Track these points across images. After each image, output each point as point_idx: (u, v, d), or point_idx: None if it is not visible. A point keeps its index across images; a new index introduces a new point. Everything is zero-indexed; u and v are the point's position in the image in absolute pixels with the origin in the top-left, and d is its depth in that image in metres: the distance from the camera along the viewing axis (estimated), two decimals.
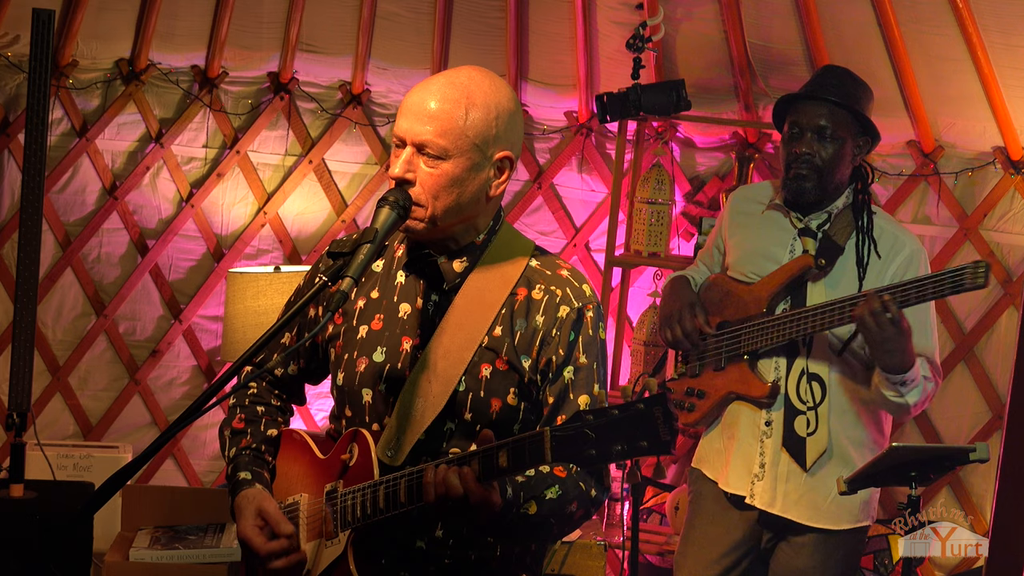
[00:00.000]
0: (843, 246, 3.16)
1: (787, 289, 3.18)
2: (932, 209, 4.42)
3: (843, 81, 3.20)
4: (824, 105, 3.14)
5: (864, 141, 3.19)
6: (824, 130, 3.13)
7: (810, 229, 3.19)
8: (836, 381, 3.16)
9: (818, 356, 3.16)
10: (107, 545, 3.97)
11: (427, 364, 2.13)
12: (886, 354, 2.95)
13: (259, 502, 2.19)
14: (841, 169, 3.16)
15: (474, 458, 1.94)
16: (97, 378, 4.73)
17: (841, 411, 3.17)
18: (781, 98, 3.27)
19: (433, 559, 2.14)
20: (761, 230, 3.29)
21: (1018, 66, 4.01)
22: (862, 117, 3.16)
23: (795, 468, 3.18)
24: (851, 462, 3.17)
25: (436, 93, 2.07)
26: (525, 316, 2.14)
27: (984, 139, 4.27)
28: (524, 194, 4.83)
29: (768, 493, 3.21)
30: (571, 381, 2.13)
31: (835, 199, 3.19)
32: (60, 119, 4.58)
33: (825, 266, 3.15)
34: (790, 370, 3.18)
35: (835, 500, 3.17)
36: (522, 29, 4.65)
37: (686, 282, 3.38)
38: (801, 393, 3.17)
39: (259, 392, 2.38)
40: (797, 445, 3.18)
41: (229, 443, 2.32)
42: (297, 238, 4.81)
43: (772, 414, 3.20)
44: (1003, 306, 4.34)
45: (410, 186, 2.08)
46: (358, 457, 2.14)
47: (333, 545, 2.14)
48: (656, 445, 1.80)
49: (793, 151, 3.16)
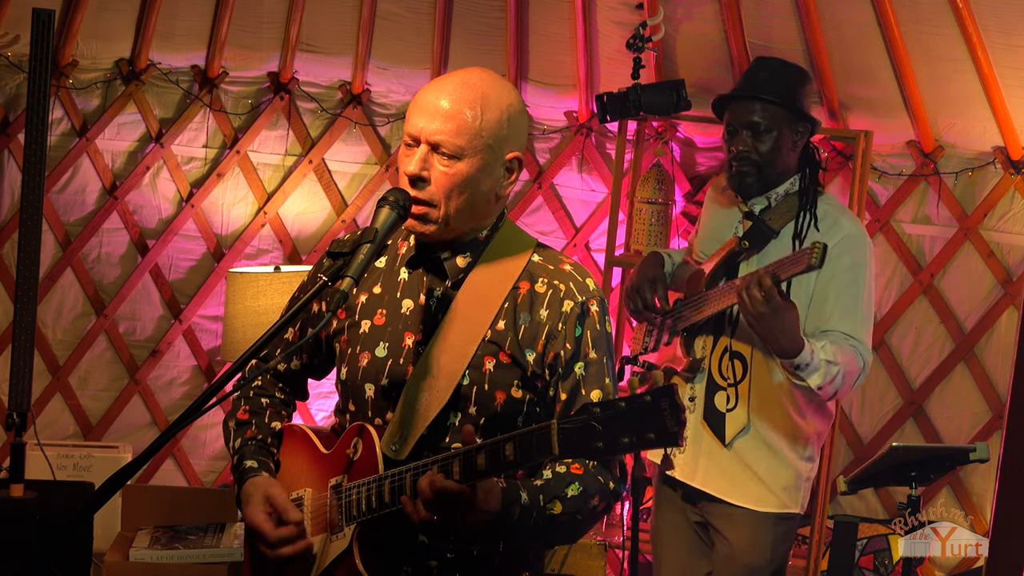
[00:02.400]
0: (777, 230, 3.21)
1: (723, 268, 3.25)
2: (932, 209, 4.42)
3: (774, 73, 3.25)
4: (755, 102, 3.20)
5: (803, 128, 3.24)
6: (758, 126, 3.19)
7: (752, 213, 3.26)
8: (759, 361, 3.19)
9: (742, 335, 3.20)
10: (107, 545, 3.97)
11: (431, 359, 2.14)
12: (766, 333, 2.96)
13: (266, 488, 2.20)
14: (781, 159, 3.22)
15: (480, 451, 1.94)
16: (97, 378, 4.73)
17: (761, 390, 3.21)
18: (716, 98, 3.35)
19: (435, 553, 2.14)
20: (716, 214, 3.41)
21: (1018, 66, 4.01)
22: (795, 108, 3.20)
23: (715, 443, 3.25)
24: (771, 442, 3.21)
25: (452, 93, 2.09)
26: (529, 310, 2.15)
27: (984, 139, 4.27)
28: (524, 194, 4.83)
29: (689, 465, 3.28)
30: (582, 377, 2.14)
31: (778, 185, 3.24)
32: (60, 119, 4.58)
33: (750, 248, 3.22)
34: (715, 347, 3.26)
35: (757, 480, 3.22)
36: (522, 29, 4.65)
37: (655, 258, 3.46)
38: (723, 370, 3.24)
39: (264, 385, 2.40)
40: (717, 420, 3.25)
41: (234, 434, 2.33)
42: (297, 238, 4.81)
43: (695, 388, 3.28)
44: (1003, 306, 4.34)
45: (425, 184, 2.09)
46: (362, 452, 2.15)
47: (339, 539, 2.15)
48: (663, 437, 1.81)
49: (732, 149, 3.24)
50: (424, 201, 2.10)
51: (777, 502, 3.23)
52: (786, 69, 3.28)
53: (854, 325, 3.14)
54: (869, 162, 4.23)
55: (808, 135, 3.26)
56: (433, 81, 2.16)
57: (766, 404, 3.20)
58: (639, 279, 3.38)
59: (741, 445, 3.22)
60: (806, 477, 3.26)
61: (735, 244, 3.23)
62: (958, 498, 4.40)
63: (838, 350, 3.06)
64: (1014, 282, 4.31)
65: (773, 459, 3.21)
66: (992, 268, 4.34)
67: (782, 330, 2.96)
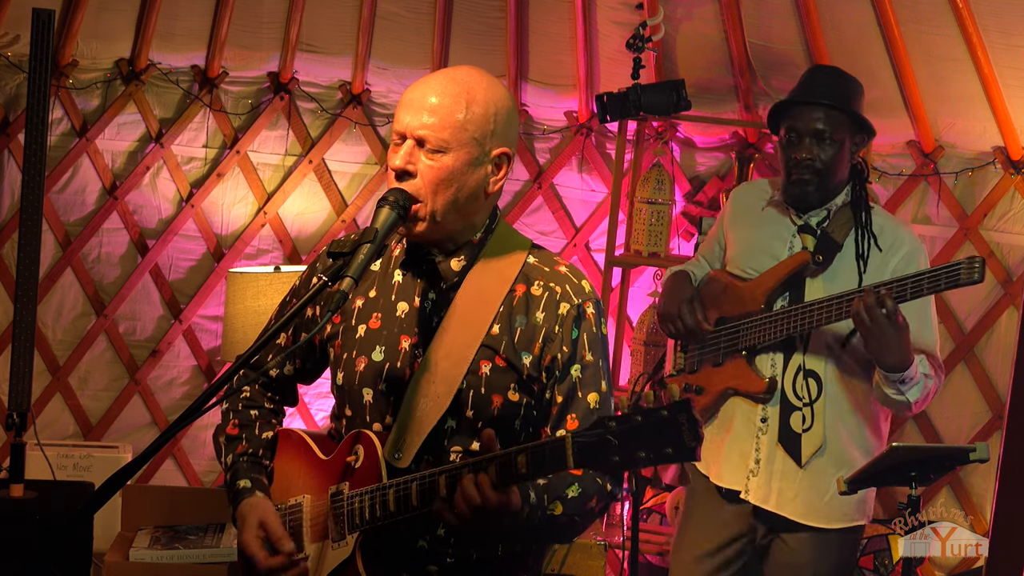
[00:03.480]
0: (841, 243, 3.16)
1: (785, 285, 3.19)
2: (932, 209, 4.42)
3: (835, 81, 3.21)
4: (819, 108, 3.14)
5: (860, 139, 3.20)
6: (822, 133, 3.13)
7: (809, 226, 3.20)
8: (833, 378, 3.16)
9: (815, 352, 3.16)
10: (107, 545, 3.97)
11: (429, 364, 2.13)
12: (883, 350, 2.95)
13: (261, 514, 2.19)
14: (841, 169, 3.17)
15: (491, 463, 1.93)
16: (97, 378, 4.73)
17: (837, 408, 3.17)
18: (776, 104, 3.27)
19: (435, 558, 2.13)
20: (761, 227, 3.30)
21: (1018, 66, 4.01)
22: (857, 116, 3.17)
23: (790, 465, 3.18)
24: (847, 460, 3.17)
25: (436, 88, 2.10)
26: (524, 312, 2.14)
27: (984, 139, 4.26)
28: (524, 194, 4.83)
29: (763, 489, 3.21)
30: (579, 379, 2.13)
31: (835, 197, 3.20)
32: (60, 119, 4.58)
33: (823, 262, 3.16)
34: (787, 366, 3.19)
35: (831, 499, 3.17)
36: (522, 29, 4.65)
37: (686, 276, 3.39)
38: (797, 389, 3.17)
39: (252, 396, 2.37)
40: (792, 441, 3.18)
41: (225, 450, 2.32)
42: (297, 238, 4.81)
43: (768, 410, 3.21)
44: (1003, 306, 4.34)
45: (411, 178, 2.09)
46: (364, 459, 2.13)
47: (340, 547, 2.13)
48: (681, 451, 1.78)
49: (793, 156, 3.16)
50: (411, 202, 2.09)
51: (847, 518, 3.21)
52: (844, 78, 3.23)
53: (935, 343, 3.13)
54: (869, 162, 4.23)
55: (864, 146, 3.22)
56: (420, 79, 2.15)
57: (842, 421, 3.17)
58: (675, 302, 3.28)
59: (816, 465, 3.17)
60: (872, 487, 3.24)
61: (807, 259, 3.16)
62: (958, 498, 4.40)
63: (928, 365, 3.06)
64: (1014, 282, 4.31)
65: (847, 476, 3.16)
66: (992, 268, 4.34)
67: (899, 347, 2.93)
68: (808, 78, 3.27)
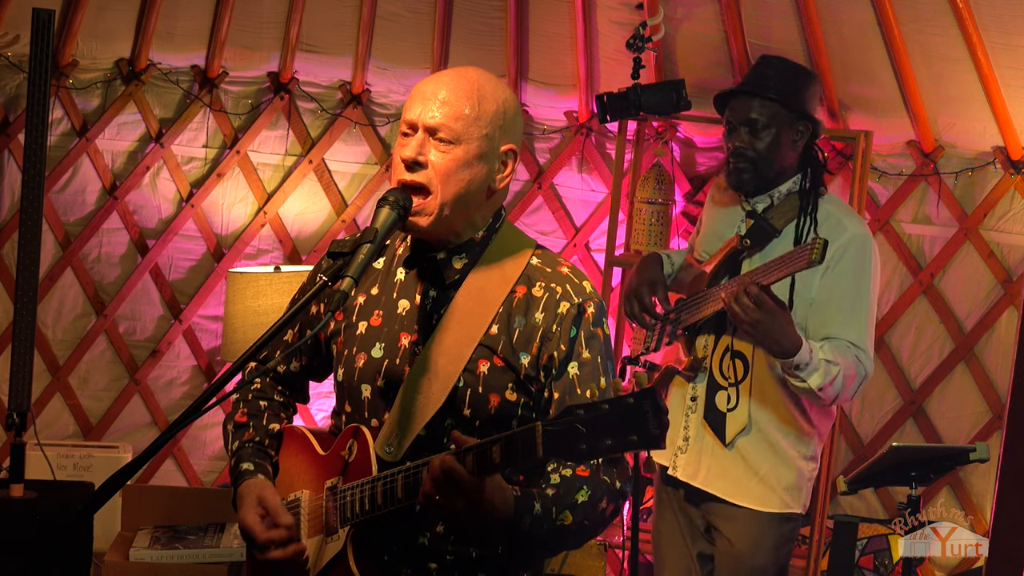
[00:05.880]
0: (780, 228, 3.20)
1: (725, 267, 3.25)
2: (932, 209, 4.42)
3: (777, 72, 3.25)
4: (754, 99, 3.20)
5: (804, 127, 3.23)
6: (755, 123, 3.19)
7: (755, 212, 3.25)
8: (760, 360, 3.18)
9: (743, 334, 3.17)
10: (107, 545, 3.97)
11: (427, 361, 2.14)
12: (760, 337, 2.98)
13: (259, 491, 2.21)
14: (779, 158, 3.21)
15: (468, 453, 1.94)
16: (97, 378, 4.73)
17: (763, 390, 3.20)
18: (717, 94, 3.35)
19: (435, 555, 2.14)
20: (719, 213, 3.39)
21: (1018, 66, 4.01)
22: (796, 106, 3.19)
23: (716, 443, 3.24)
24: (773, 442, 3.20)
25: (448, 83, 2.13)
26: (524, 313, 2.15)
27: (984, 139, 4.26)
28: (524, 194, 4.83)
29: (691, 466, 3.28)
30: (576, 376, 2.13)
31: (779, 184, 3.24)
32: (60, 119, 4.58)
33: (752, 246, 3.21)
34: (716, 346, 3.24)
35: (759, 480, 3.21)
36: (522, 29, 4.65)
37: (655, 259, 3.44)
38: (724, 369, 3.23)
39: (262, 388, 2.39)
40: (718, 420, 3.24)
41: (232, 437, 2.33)
42: (297, 238, 4.81)
43: (698, 388, 3.27)
44: (1003, 306, 4.34)
45: (421, 168, 2.10)
46: (357, 453, 2.15)
47: (333, 541, 2.15)
48: (645, 439, 1.80)
49: (729, 145, 3.24)
50: (420, 186, 2.10)
51: (779, 502, 3.22)
52: (788, 68, 3.28)
53: (856, 332, 3.12)
54: (869, 162, 4.23)
55: (809, 135, 3.24)
56: (430, 76, 2.19)
57: (768, 403, 3.20)
58: (637, 282, 3.36)
59: (742, 445, 3.22)
60: (808, 477, 3.25)
61: (737, 242, 3.22)
62: (958, 498, 4.40)
63: (837, 352, 3.05)
64: (1014, 282, 4.31)
65: (775, 459, 3.20)
66: (992, 268, 4.34)
67: (779, 332, 2.96)
68: (753, 69, 3.34)
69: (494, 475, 1.95)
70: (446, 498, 1.95)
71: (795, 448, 3.21)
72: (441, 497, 1.95)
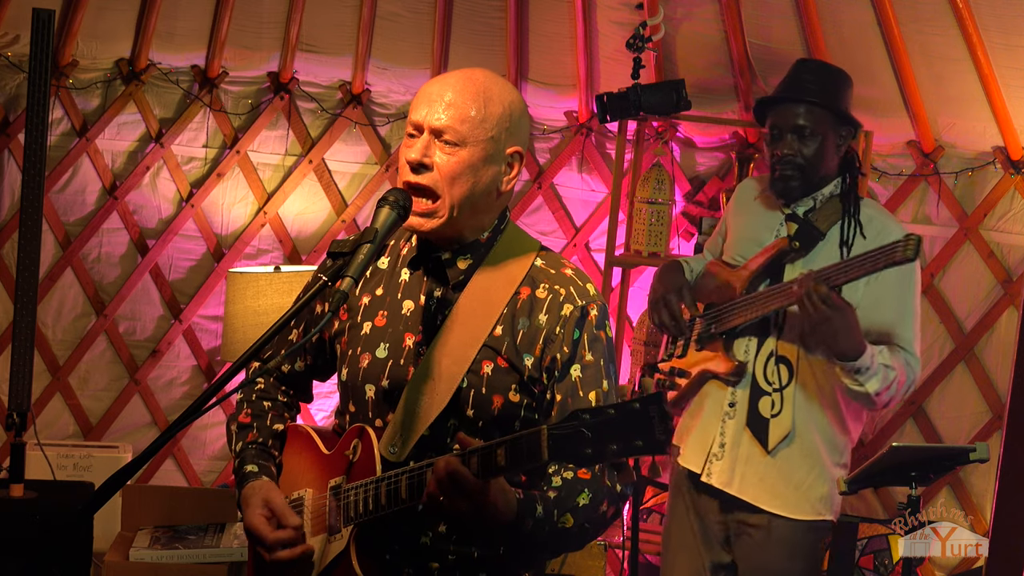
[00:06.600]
0: (825, 231, 3.18)
1: (766, 271, 3.21)
2: (932, 209, 4.42)
3: (818, 76, 3.23)
4: (801, 105, 3.17)
5: (846, 131, 3.21)
6: (803, 129, 3.16)
7: (796, 215, 3.22)
8: (805, 365, 3.15)
9: (788, 339, 3.15)
10: (107, 545, 3.97)
11: (431, 362, 2.14)
12: (828, 337, 2.95)
13: (265, 493, 2.21)
14: (825, 163, 3.19)
15: (473, 455, 1.94)
16: (97, 378, 4.73)
17: (807, 396, 3.16)
18: (759, 100, 3.31)
19: (436, 555, 2.14)
20: (753, 216, 3.34)
21: (1018, 66, 4.01)
22: (840, 110, 3.18)
23: (756, 450, 3.17)
24: (814, 449, 3.16)
25: (455, 85, 2.12)
26: (528, 315, 2.15)
27: (984, 139, 4.27)
28: (524, 194, 4.84)
29: (726, 473, 3.21)
30: (579, 379, 2.13)
31: (822, 187, 3.22)
32: (60, 119, 4.58)
33: (800, 249, 3.17)
34: (759, 351, 3.19)
35: (795, 487, 3.17)
36: (522, 29, 4.66)
37: (677, 266, 3.41)
38: (768, 374, 3.17)
39: (266, 388, 2.39)
40: (760, 426, 3.17)
41: (236, 437, 2.33)
42: (297, 238, 4.81)
43: (737, 394, 3.21)
44: (1003, 306, 4.34)
45: (427, 171, 2.09)
46: (361, 454, 2.15)
47: (337, 540, 2.15)
48: (650, 444, 1.80)
49: (775, 153, 3.20)
50: (426, 189, 2.10)
51: (812, 510, 3.19)
52: (829, 71, 3.26)
53: (906, 336, 3.11)
54: (869, 162, 4.23)
55: (850, 138, 3.23)
56: (436, 77, 2.19)
57: (810, 410, 3.16)
58: (664, 289, 3.31)
59: (784, 452, 3.16)
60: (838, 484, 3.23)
61: (785, 245, 3.18)
62: (958, 498, 4.40)
63: (892, 356, 3.04)
64: (1014, 282, 4.31)
65: (813, 466, 3.16)
66: (992, 268, 4.34)
67: (845, 332, 2.92)
68: (792, 74, 3.29)
69: (498, 478, 1.96)
70: (450, 500, 1.95)
71: (831, 456, 3.18)
72: (445, 499, 1.95)
